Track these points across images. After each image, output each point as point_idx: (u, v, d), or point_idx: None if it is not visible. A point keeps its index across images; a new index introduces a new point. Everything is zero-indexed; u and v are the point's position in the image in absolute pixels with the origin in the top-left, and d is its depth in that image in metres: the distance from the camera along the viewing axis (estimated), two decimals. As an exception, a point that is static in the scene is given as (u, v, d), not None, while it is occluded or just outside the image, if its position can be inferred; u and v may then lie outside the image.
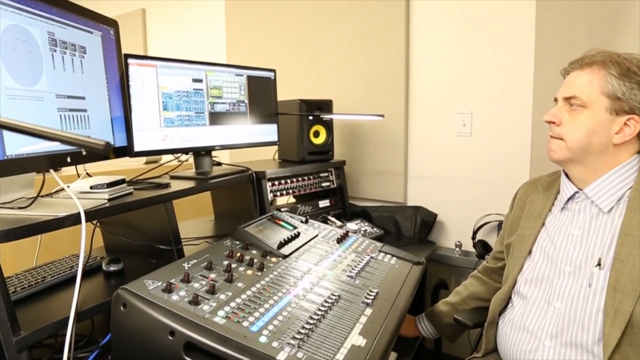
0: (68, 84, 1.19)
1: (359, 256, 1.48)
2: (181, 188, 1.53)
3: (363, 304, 1.17)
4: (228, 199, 2.14)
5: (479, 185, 2.25)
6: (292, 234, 1.49)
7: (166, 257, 1.46)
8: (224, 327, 0.95)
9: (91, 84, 1.28)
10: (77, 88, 1.22)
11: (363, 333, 1.04)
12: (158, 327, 0.95)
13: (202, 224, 2.08)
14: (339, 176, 2.43)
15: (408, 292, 1.33)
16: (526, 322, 1.23)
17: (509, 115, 2.14)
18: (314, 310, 1.08)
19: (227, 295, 1.07)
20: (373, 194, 2.56)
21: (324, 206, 2.32)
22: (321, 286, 1.22)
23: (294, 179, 2.19)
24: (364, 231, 2.17)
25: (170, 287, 1.04)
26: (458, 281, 2.32)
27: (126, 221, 1.54)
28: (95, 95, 1.30)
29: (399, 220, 2.36)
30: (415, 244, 2.24)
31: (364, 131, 2.54)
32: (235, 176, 1.83)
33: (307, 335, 0.98)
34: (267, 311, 1.04)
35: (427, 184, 2.41)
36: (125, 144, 1.46)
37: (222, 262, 1.24)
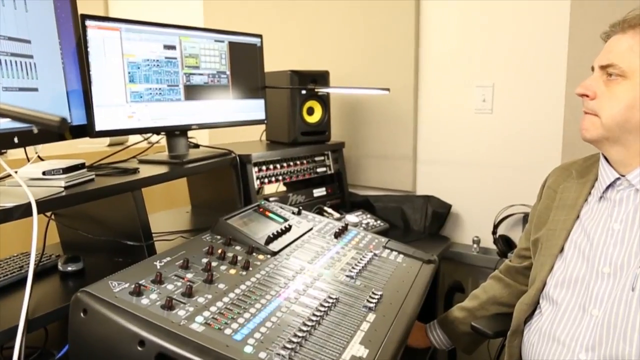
0: (9, 23, 1.16)
1: (360, 253, 1.49)
2: (152, 174, 1.52)
3: (365, 308, 1.18)
4: (207, 187, 2.14)
5: (501, 171, 2.25)
6: (283, 227, 1.49)
7: (134, 254, 1.46)
8: (203, 335, 0.95)
9: (38, 27, 1.25)
10: (20, 29, 1.19)
11: (365, 342, 1.04)
12: (125, 336, 0.95)
13: (176, 216, 2.08)
14: (337, 160, 2.43)
15: (417, 295, 1.34)
16: (557, 332, 1.24)
17: (537, 88, 2.13)
18: (307, 316, 1.08)
19: (206, 299, 1.07)
20: (376, 181, 2.56)
21: (319, 195, 2.32)
22: (316, 288, 1.23)
23: (284, 164, 2.19)
24: (366, 224, 2.18)
25: (139, 290, 1.03)
26: (476, 283, 2.33)
27: (86, 213, 1.54)
28: (43, 41, 1.27)
29: (407, 211, 2.37)
30: (425, 239, 2.25)
31: (366, 108, 2.53)
32: (216, 160, 1.82)
33: (299, 344, 0.98)
34: (253, 317, 1.04)
35: (440, 170, 2.41)
36: (85, 122, 1.44)
37: (201, 260, 1.23)
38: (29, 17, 1.23)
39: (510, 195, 2.22)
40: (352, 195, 2.51)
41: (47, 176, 1.29)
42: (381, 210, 2.41)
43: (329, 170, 2.40)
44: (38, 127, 1.19)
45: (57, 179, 1.29)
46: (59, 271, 1.40)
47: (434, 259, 1.58)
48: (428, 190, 2.44)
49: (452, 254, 2.32)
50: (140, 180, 1.47)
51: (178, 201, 2.42)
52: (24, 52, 1.21)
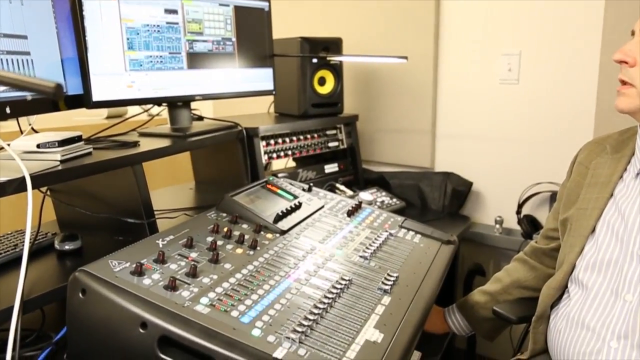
0: (4, 20, 1.16)
1: (375, 233, 1.48)
2: (153, 148, 1.52)
3: (380, 290, 1.18)
4: (212, 162, 2.14)
5: (527, 147, 2.24)
6: (292, 204, 1.49)
7: (135, 232, 1.46)
8: (208, 317, 0.95)
9: (35, 19, 1.25)
10: (16, 24, 1.20)
11: (380, 326, 1.05)
12: (126, 318, 0.95)
13: (179, 193, 2.09)
14: (350, 134, 2.42)
15: (436, 277, 1.34)
16: (586, 318, 1.23)
17: (569, 56, 2.10)
18: (319, 298, 1.08)
19: (211, 279, 1.07)
20: (392, 156, 2.55)
21: (331, 171, 2.33)
22: (328, 269, 1.23)
23: (293, 138, 2.18)
24: (381, 202, 2.18)
25: (141, 269, 1.04)
26: (498, 266, 2.33)
27: (84, 189, 1.54)
28: (41, 33, 1.27)
29: (425, 189, 2.37)
30: (444, 218, 2.25)
31: (382, 78, 2.51)
32: (221, 133, 1.82)
33: (310, 328, 0.98)
34: (261, 298, 1.05)
35: (461, 145, 2.40)
36: (81, 92, 1.44)
37: (206, 239, 1.24)
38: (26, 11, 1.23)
39: (537, 172, 2.20)
40: (366, 172, 2.51)
41: (41, 149, 1.29)
42: (397, 187, 2.41)
43: (341, 144, 2.39)
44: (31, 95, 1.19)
45: (52, 152, 1.29)
46: (55, 250, 1.41)
47: (454, 239, 1.58)
48: (447, 167, 2.43)
49: (473, 235, 2.31)
50: (141, 154, 1.47)
51: (181, 177, 2.43)
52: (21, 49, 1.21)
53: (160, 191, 2.12)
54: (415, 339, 1.08)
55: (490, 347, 2.21)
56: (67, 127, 2.16)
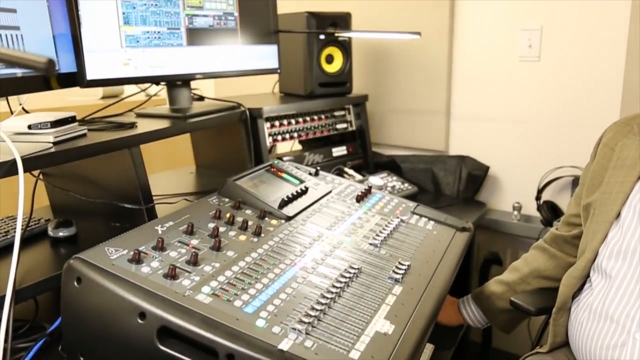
0: None
1: (385, 219, 1.48)
2: (151, 129, 1.51)
3: (390, 280, 1.18)
4: (213, 144, 2.14)
5: (548, 128, 2.22)
6: (298, 189, 1.49)
7: (133, 219, 1.46)
8: (210, 307, 0.95)
9: None
10: None
11: (390, 317, 1.05)
12: (124, 308, 0.96)
13: (179, 177, 2.09)
14: (359, 116, 2.41)
15: (450, 266, 1.34)
16: (610, 309, 1.22)
17: (594, 31, 2.08)
18: (326, 287, 1.08)
19: (213, 267, 1.07)
20: (404, 139, 2.55)
21: (339, 155, 2.32)
22: (336, 257, 1.23)
23: (299, 119, 2.18)
24: (392, 187, 2.18)
25: (139, 257, 1.04)
26: (516, 254, 2.33)
27: (79, 172, 1.54)
28: (31, 7, 1.26)
29: (438, 174, 2.36)
30: (459, 204, 2.25)
31: (393, 55, 2.50)
32: (223, 114, 1.82)
33: (317, 318, 0.98)
34: (265, 288, 1.05)
35: (477, 127, 2.39)
36: (74, 70, 1.43)
37: (207, 225, 1.24)
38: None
39: (558, 155, 2.19)
40: (376, 155, 2.51)
41: (33, 130, 1.29)
42: (409, 171, 2.40)
43: (350, 126, 2.38)
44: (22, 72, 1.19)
45: (44, 134, 1.29)
46: (49, 237, 1.42)
47: (469, 226, 1.57)
48: (462, 150, 2.42)
49: (489, 222, 2.31)
50: (139, 135, 1.47)
51: (181, 161, 2.43)
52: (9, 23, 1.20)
53: (159, 175, 2.12)
54: (427, 331, 1.08)
55: (507, 340, 2.22)
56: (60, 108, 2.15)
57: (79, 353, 1.03)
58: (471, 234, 1.56)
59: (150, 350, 0.94)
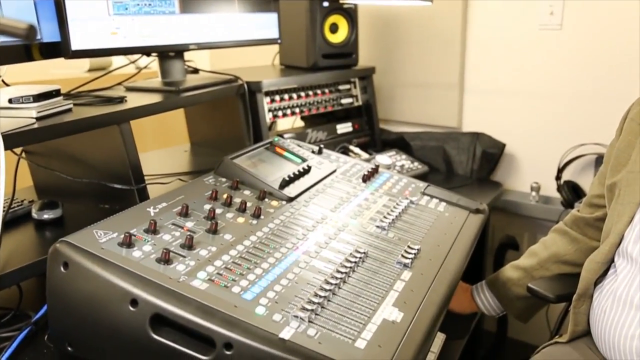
0: None
1: (394, 200, 1.48)
2: (142, 104, 1.51)
3: (399, 265, 1.18)
4: (209, 120, 2.14)
5: (570, 103, 2.21)
6: (300, 168, 1.49)
7: (123, 200, 1.47)
8: (206, 293, 0.96)
9: None
10: None
11: (399, 304, 1.05)
12: (114, 295, 0.96)
13: (173, 156, 2.09)
14: (366, 90, 2.40)
15: (463, 250, 1.34)
16: (636, 297, 1.22)
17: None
18: (330, 273, 1.08)
19: (209, 251, 1.08)
20: (414, 115, 2.54)
21: (344, 132, 2.32)
22: (341, 240, 1.23)
23: (302, 94, 2.17)
24: (401, 166, 2.18)
25: (130, 240, 1.04)
26: (534, 238, 2.33)
27: (64, 150, 1.54)
28: None
29: (451, 152, 2.36)
30: (473, 185, 2.25)
31: (403, 24, 2.48)
32: (219, 88, 1.81)
33: (321, 305, 0.98)
34: (265, 273, 1.05)
35: (492, 101, 2.38)
36: (58, 40, 1.42)
37: (203, 207, 1.24)
38: None
39: (580, 132, 2.18)
40: (384, 132, 2.50)
41: (14, 105, 1.28)
42: (419, 150, 2.40)
43: (356, 101, 2.38)
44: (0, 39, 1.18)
45: (27, 108, 1.28)
46: (33, 219, 1.42)
47: (483, 208, 1.57)
48: (477, 126, 2.41)
49: (505, 204, 2.31)
50: (129, 110, 1.47)
51: (174, 138, 2.43)
52: None
53: (151, 154, 2.12)
54: (439, 320, 1.09)
55: (524, 329, 2.22)
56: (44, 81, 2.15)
57: (66, 343, 1.04)
58: (486, 216, 1.56)
59: (142, 339, 0.94)
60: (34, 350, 1.13)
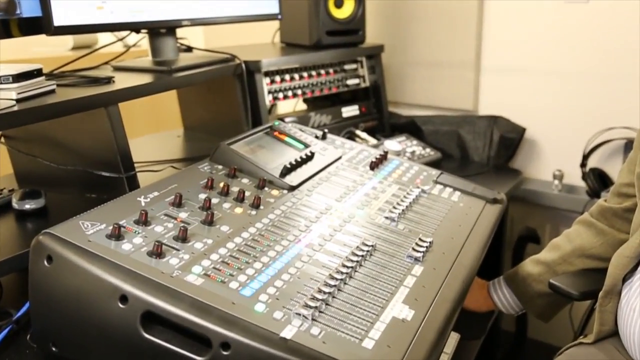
0: None
1: (404, 189, 1.48)
2: (131, 85, 1.51)
3: (410, 259, 1.18)
4: (204, 103, 2.14)
5: (597, 83, 2.20)
6: (303, 155, 1.49)
7: (111, 188, 1.47)
8: (202, 289, 0.96)
9: None
10: None
11: (409, 301, 1.05)
12: (102, 291, 0.96)
13: (165, 142, 2.10)
14: (374, 70, 2.40)
15: (478, 243, 1.34)
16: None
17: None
18: (335, 267, 1.08)
19: (205, 244, 1.08)
20: (426, 97, 2.54)
21: (350, 115, 2.32)
22: (347, 232, 1.23)
23: (304, 74, 2.17)
24: (411, 153, 2.17)
25: (119, 232, 1.04)
26: (556, 231, 2.33)
27: (47, 135, 1.54)
28: None
29: (466, 137, 2.36)
30: (489, 172, 2.25)
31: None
32: (215, 68, 1.82)
33: (325, 302, 0.98)
34: (265, 267, 1.05)
35: (512, 81, 2.37)
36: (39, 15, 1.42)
37: (198, 196, 1.24)
38: None
39: (608, 114, 2.17)
40: (394, 116, 2.50)
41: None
42: (431, 135, 2.40)
43: (362, 82, 2.37)
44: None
45: (6, 89, 1.28)
46: (13, 210, 1.42)
47: (501, 198, 1.57)
48: (494, 109, 2.40)
49: (525, 193, 2.31)
50: (116, 92, 1.47)
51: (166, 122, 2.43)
52: None
53: (142, 139, 2.12)
54: (452, 318, 1.09)
55: (545, 329, 2.23)
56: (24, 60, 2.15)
57: (50, 343, 1.05)
58: (504, 206, 1.56)
59: (133, 338, 0.95)
60: (15, 351, 1.13)
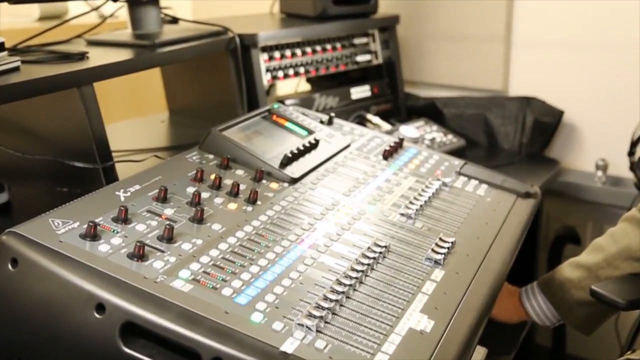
0: None
1: (422, 182, 1.49)
2: (108, 62, 1.52)
3: (429, 261, 1.18)
4: (192, 83, 2.15)
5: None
6: (306, 142, 1.49)
7: (86, 181, 1.47)
8: (190, 297, 0.96)
9: None
10: None
11: (429, 311, 1.05)
12: (76, 298, 0.96)
13: (147, 128, 2.11)
14: (388, 44, 2.40)
15: (509, 244, 1.34)
16: None
17: None
18: (343, 271, 1.08)
19: (194, 245, 1.08)
20: (448, 75, 2.55)
21: (360, 97, 2.32)
22: (356, 231, 1.23)
23: (307, 49, 2.16)
24: (431, 140, 2.17)
25: (95, 231, 1.04)
26: (599, 229, 2.32)
27: (11, 120, 1.55)
28: None
29: (494, 121, 2.36)
30: (521, 162, 2.25)
31: (435, -40, 2.47)
32: (204, 42, 1.82)
33: (331, 311, 0.98)
34: (263, 272, 1.05)
35: (548, 57, 2.37)
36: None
37: (185, 190, 1.24)
38: None
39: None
40: (411, 98, 2.50)
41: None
42: (454, 119, 2.40)
43: (375, 59, 2.38)
44: None
45: (-36, 67, 1.30)
46: (-27, 205, 1.44)
47: (535, 191, 1.57)
48: (528, 89, 2.40)
49: (563, 186, 2.31)
50: (91, 70, 1.47)
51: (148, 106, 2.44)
52: None
53: (121, 125, 2.13)
54: (478, 330, 1.09)
55: (587, 343, 2.22)
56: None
57: (16, 358, 1.04)
58: (538, 201, 1.56)
59: (111, 352, 0.94)
60: (-24, 368, 1.14)
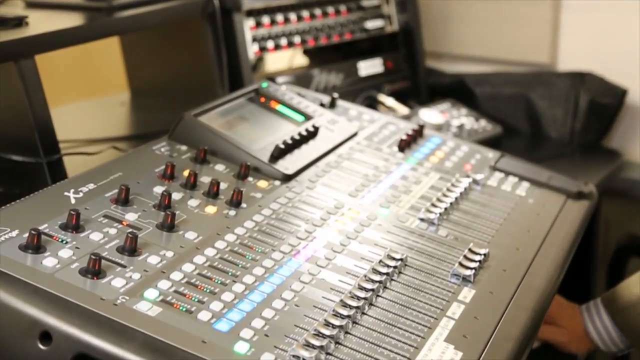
0: None
1: (447, 179, 1.49)
2: (53, 29, 1.52)
3: (456, 278, 1.19)
4: (159, 56, 2.16)
5: None
6: (302, 131, 1.50)
7: (27, 179, 1.49)
8: (159, 322, 0.96)
9: None
10: None
11: (455, 339, 1.05)
12: (15, 326, 0.97)
13: (103, 111, 2.11)
14: (405, 6, 2.40)
15: (556, 257, 1.34)
16: None
17: None
18: (349, 291, 1.09)
19: (163, 258, 1.08)
20: (481, 46, 2.56)
21: (370, 73, 2.33)
22: (365, 241, 1.24)
23: (304, 13, 2.17)
24: (459, 127, 2.18)
25: (38, 242, 1.04)
26: (671, 238, 2.34)
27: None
28: None
29: (539, 103, 2.36)
30: (573, 154, 2.27)
31: None
32: (175, 4, 1.82)
33: (335, 340, 0.99)
34: (249, 291, 1.06)
35: (606, 22, 2.38)
36: None
37: (152, 190, 1.25)
38: None
39: None
40: (433, 74, 2.51)
41: None
42: (488, 100, 2.41)
43: (388, 25, 2.38)
44: None
45: None
46: None
47: (590, 191, 1.58)
48: (580, 63, 2.41)
49: (626, 184, 2.32)
50: (32, 39, 1.48)
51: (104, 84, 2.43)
52: None
53: (70, 108, 2.13)
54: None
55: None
56: None
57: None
58: (594, 203, 1.57)
59: (60, 392, 0.96)
60: None
